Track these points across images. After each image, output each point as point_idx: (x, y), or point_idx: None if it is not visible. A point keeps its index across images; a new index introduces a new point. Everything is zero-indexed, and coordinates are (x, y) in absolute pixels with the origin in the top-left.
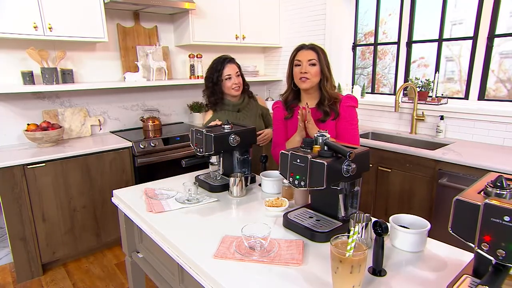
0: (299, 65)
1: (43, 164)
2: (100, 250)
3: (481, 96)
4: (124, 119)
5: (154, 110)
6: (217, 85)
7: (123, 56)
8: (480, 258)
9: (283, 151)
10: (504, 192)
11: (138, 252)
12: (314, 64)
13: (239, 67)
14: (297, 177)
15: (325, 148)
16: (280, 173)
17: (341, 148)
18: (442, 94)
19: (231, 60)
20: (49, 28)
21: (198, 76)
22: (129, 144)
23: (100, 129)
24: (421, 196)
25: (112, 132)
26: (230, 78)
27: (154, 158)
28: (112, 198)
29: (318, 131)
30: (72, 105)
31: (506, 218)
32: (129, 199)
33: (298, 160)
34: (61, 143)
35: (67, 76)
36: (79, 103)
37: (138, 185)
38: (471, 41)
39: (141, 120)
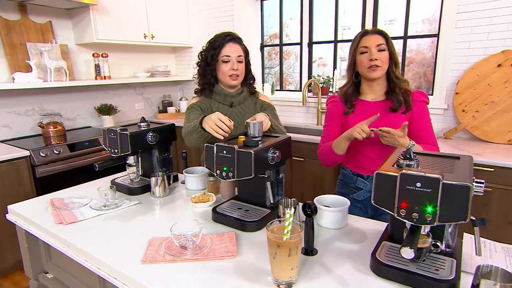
0: (366, 52)
1: None
2: None
3: None
4: (17, 126)
5: (55, 114)
6: (210, 65)
7: (9, 54)
8: (394, 225)
9: (207, 144)
10: (412, 162)
11: (47, 273)
12: (383, 50)
13: (245, 51)
14: (225, 168)
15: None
16: (206, 167)
17: None
18: None
19: (235, 39)
20: None
21: (104, 76)
22: (26, 153)
23: None
24: (331, 180)
25: (2, 142)
26: (228, 61)
27: (60, 167)
28: (6, 215)
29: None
30: None
31: (418, 184)
32: (30, 213)
33: (225, 151)
34: None
35: None
36: None
37: (41, 196)
38: None
39: (39, 126)
